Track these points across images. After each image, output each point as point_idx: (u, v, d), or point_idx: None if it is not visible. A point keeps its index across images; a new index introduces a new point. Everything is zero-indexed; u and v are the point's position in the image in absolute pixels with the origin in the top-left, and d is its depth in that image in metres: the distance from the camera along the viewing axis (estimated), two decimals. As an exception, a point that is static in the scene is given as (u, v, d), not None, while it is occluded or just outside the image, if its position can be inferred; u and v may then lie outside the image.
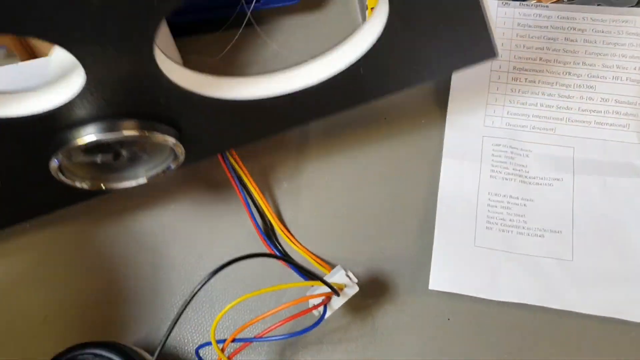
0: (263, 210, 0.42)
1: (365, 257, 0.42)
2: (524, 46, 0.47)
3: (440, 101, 0.46)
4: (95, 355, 0.34)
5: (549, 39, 0.46)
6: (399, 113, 0.47)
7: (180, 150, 0.34)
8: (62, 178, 0.34)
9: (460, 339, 0.40)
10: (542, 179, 0.43)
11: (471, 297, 0.40)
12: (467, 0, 0.33)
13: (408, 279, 0.41)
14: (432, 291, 0.40)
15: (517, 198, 0.43)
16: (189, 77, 0.32)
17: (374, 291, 0.41)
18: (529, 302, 0.40)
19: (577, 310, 0.39)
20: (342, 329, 0.40)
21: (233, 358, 0.35)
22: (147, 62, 0.28)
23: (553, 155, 0.43)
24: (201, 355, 0.38)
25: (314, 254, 0.41)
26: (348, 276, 0.36)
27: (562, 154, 0.43)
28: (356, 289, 0.36)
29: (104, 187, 0.36)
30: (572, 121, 0.44)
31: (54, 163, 0.32)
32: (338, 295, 0.35)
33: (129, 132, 0.31)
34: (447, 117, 0.45)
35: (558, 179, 0.43)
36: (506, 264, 0.41)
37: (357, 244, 0.43)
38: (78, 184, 0.35)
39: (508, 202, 0.43)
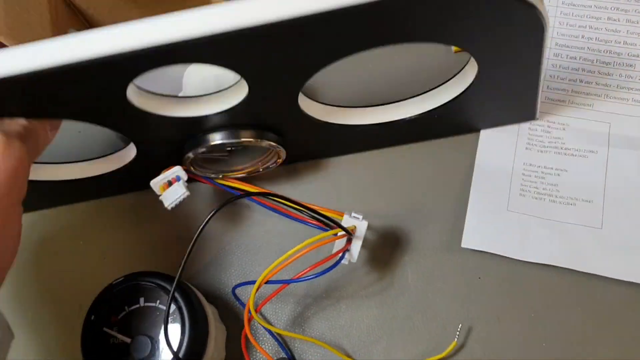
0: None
1: (401, 215, 0.45)
2: (567, 24, 0.49)
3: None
4: (152, 283, 0.37)
5: (592, 17, 0.49)
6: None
7: (282, 153, 0.42)
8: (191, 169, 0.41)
9: (489, 297, 0.43)
10: (577, 150, 0.45)
11: (501, 257, 0.43)
12: (531, 81, 0.40)
13: (442, 238, 0.44)
14: (464, 249, 0.43)
15: (552, 168, 0.45)
16: (318, 108, 0.41)
17: (407, 247, 0.44)
18: (557, 264, 0.42)
19: (604, 274, 0.41)
20: (375, 282, 0.44)
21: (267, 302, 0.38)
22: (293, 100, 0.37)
23: (589, 130, 0.46)
24: (237, 294, 0.42)
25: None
26: (355, 217, 0.39)
27: (598, 129, 0.46)
28: (365, 223, 0.38)
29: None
30: (610, 98, 0.46)
31: (189, 155, 0.39)
32: (350, 234, 0.38)
33: (246, 139, 0.38)
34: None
35: (593, 152, 0.45)
36: (537, 228, 0.43)
37: (394, 203, 0.46)
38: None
39: (542, 172, 0.45)
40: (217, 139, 0.38)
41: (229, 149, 0.41)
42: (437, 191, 0.46)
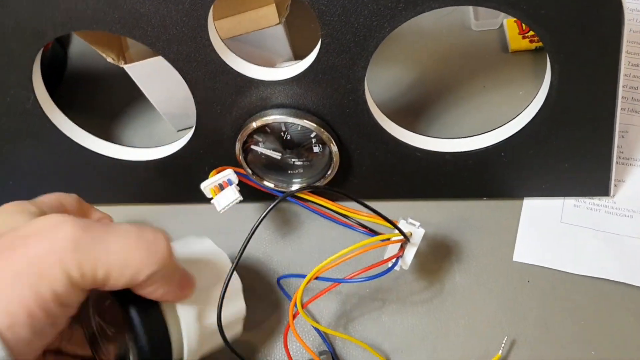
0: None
1: (451, 225, 0.45)
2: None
3: (538, 73, 0.48)
4: None
5: None
6: (498, 81, 0.49)
7: (336, 160, 0.41)
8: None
9: (538, 303, 0.42)
10: (635, 160, 0.45)
11: (552, 268, 0.42)
12: (601, 137, 0.39)
13: (493, 250, 0.44)
14: (515, 262, 0.43)
15: (609, 178, 0.44)
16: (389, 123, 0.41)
17: (457, 257, 0.44)
18: (612, 278, 0.41)
19: (662, 290, 0.41)
20: (422, 290, 0.43)
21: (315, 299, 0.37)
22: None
23: (647, 139, 0.45)
24: (281, 284, 0.42)
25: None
26: (411, 223, 0.38)
27: (658, 138, 0.45)
28: (422, 231, 0.37)
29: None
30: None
31: (252, 125, 0.39)
32: (408, 240, 0.37)
33: (308, 123, 0.38)
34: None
35: (652, 162, 0.44)
36: (592, 240, 0.43)
37: (444, 213, 0.45)
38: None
39: (598, 182, 0.44)
40: (277, 113, 0.38)
41: (285, 137, 0.40)
42: (488, 202, 0.45)
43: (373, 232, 0.42)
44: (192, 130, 0.41)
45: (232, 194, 0.37)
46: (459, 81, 0.50)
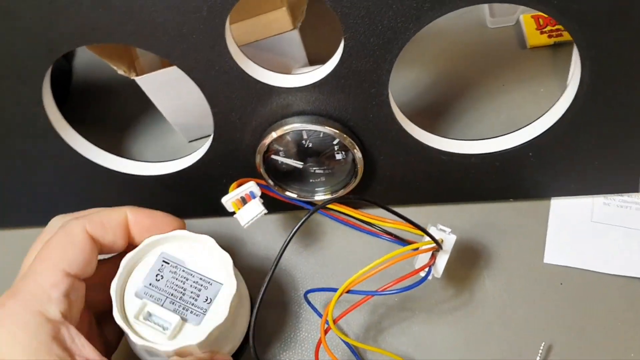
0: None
1: (478, 230, 0.44)
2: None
3: (558, 69, 0.47)
4: None
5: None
6: (517, 79, 0.48)
7: (360, 167, 0.39)
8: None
9: (572, 305, 0.41)
10: (664, 155, 0.43)
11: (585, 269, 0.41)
12: (632, 132, 0.38)
13: (522, 253, 0.43)
14: (546, 264, 0.42)
15: (637, 174, 0.43)
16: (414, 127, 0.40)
17: (486, 263, 0.43)
18: (646, 278, 0.40)
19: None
20: (452, 297, 0.42)
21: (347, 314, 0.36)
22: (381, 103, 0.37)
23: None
24: (308, 298, 0.40)
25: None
26: (442, 229, 0.37)
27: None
28: (454, 237, 0.36)
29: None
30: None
31: (272, 135, 0.38)
32: (440, 247, 0.36)
33: (330, 130, 0.37)
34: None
35: (682, 156, 0.43)
36: (624, 239, 0.42)
37: (471, 218, 0.44)
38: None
39: (627, 178, 0.43)
40: (298, 120, 0.37)
41: (306, 145, 0.39)
42: (515, 204, 0.44)
43: (399, 240, 0.41)
44: (210, 141, 0.40)
45: (256, 208, 0.36)
46: (477, 80, 0.49)
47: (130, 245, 0.35)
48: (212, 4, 0.32)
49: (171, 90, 0.43)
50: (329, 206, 0.40)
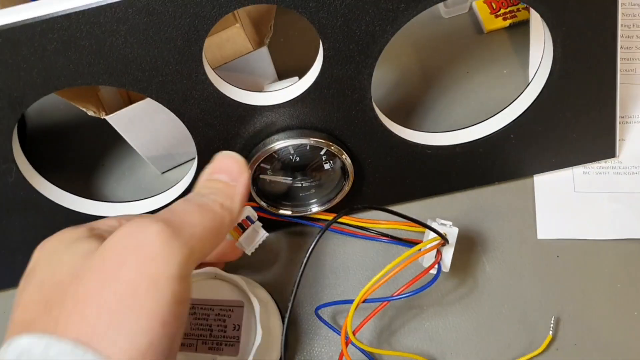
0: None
1: (467, 217, 0.44)
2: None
3: (517, 49, 0.49)
4: None
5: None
6: (480, 64, 0.49)
7: (350, 173, 0.39)
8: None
9: (571, 274, 0.42)
10: (630, 117, 0.46)
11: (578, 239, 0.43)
12: (605, 101, 0.40)
13: (516, 233, 0.44)
14: (540, 240, 0.43)
15: (609, 139, 0.45)
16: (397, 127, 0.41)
17: (483, 248, 0.43)
18: (636, 237, 0.42)
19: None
20: (457, 287, 0.42)
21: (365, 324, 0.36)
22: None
23: (638, 94, 0.46)
24: (319, 314, 0.40)
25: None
26: (443, 223, 0.37)
27: (647, 91, 0.46)
28: (456, 230, 0.37)
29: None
30: (652, 60, 0.47)
31: (260, 155, 0.38)
32: (447, 241, 0.36)
33: (316, 141, 0.37)
34: (530, 70, 0.47)
35: (648, 116, 0.45)
36: (609, 204, 0.43)
37: (458, 206, 0.45)
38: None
39: (600, 145, 0.45)
40: (284, 137, 0.37)
41: (293, 160, 0.38)
42: (499, 187, 0.45)
43: (396, 240, 0.41)
44: (193, 170, 0.39)
45: (257, 233, 0.35)
46: (442, 71, 0.50)
47: None
48: (186, 33, 0.31)
49: (142, 124, 0.41)
50: (320, 217, 0.40)
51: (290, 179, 0.39)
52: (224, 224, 0.28)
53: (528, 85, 0.39)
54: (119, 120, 0.40)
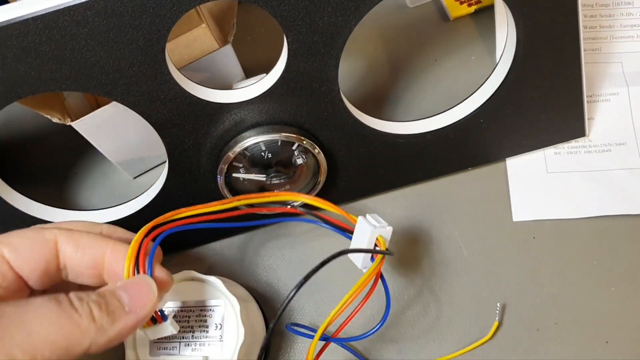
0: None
1: (442, 205, 0.45)
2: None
3: (483, 34, 0.50)
4: None
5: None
6: (448, 52, 0.50)
7: (323, 166, 0.39)
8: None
9: (547, 255, 0.43)
10: (598, 96, 0.46)
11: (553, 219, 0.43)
12: (571, 81, 0.41)
13: (490, 216, 0.44)
14: (516, 222, 0.44)
15: (578, 119, 0.46)
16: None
17: (459, 232, 0.44)
18: (609, 214, 0.43)
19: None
20: (435, 264, 0.43)
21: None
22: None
23: (604, 72, 0.47)
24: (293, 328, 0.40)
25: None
26: (371, 222, 0.33)
27: (612, 70, 0.47)
28: (390, 229, 0.33)
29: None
30: (615, 38, 0.48)
31: (231, 154, 0.37)
32: (391, 252, 0.33)
33: (287, 136, 0.37)
34: (497, 54, 0.48)
35: (614, 94, 0.46)
36: (581, 183, 0.44)
37: (433, 194, 0.45)
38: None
39: (570, 124, 0.46)
40: (254, 133, 0.37)
41: (265, 156, 0.38)
42: (472, 173, 0.45)
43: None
44: (165, 173, 0.39)
45: (165, 330, 0.30)
46: (409, 60, 0.51)
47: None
48: (147, 33, 0.31)
49: (109, 129, 0.41)
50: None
51: (264, 175, 0.39)
52: (81, 343, 0.24)
53: (494, 69, 0.40)
54: (84, 126, 0.40)
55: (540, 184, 0.44)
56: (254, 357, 0.35)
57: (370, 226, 0.32)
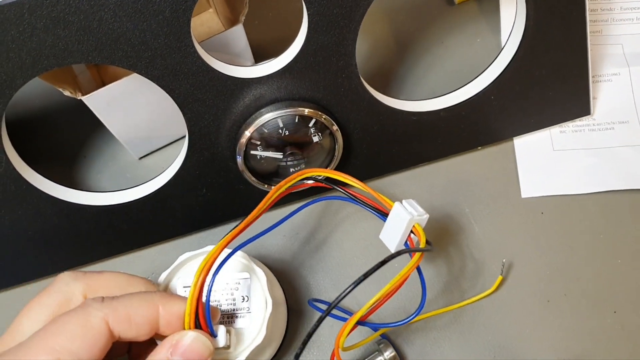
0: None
1: (454, 184, 0.46)
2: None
3: (488, 18, 0.51)
4: None
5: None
6: (454, 35, 0.51)
7: (339, 143, 0.41)
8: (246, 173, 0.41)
9: (555, 230, 0.45)
10: (600, 76, 0.48)
11: (559, 195, 0.45)
12: (577, 58, 0.43)
13: (499, 193, 0.46)
14: (524, 199, 0.45)
15: (582, 98, 0.48)
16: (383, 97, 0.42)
17: (469, 208, 0.46)
18: (614, 188, 0.45)
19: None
20: (447, 240, 0.44)
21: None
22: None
23: (605, 54, 0.49)
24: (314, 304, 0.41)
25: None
26: (409, 209, 0.33)
27: (613, 51, 0.49)
28: (426, 217, 0.33)
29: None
30: (616, 21, 0.50)
31: (249, 130, 0.38)
32: (432, 247, 0.33)
33: (304, 111, 0.38)
34: (502, 36, 0.50)
35: (616, 74, 0.48)
36: (586, 159, 0.46)
37: (446, 174, 0.47)
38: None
39: (574, 104, 0.48)
40: (272, 109, 0.38)
41: (282, 133, 0.39)
42: (482, 152, 0.47)
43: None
44: (184, 151, 0.40)
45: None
46: (416, 42, 0.52)
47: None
48: (174, 3, 0.32)
49: (119, 106, 0.42)
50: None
51: (281, 153, 0.40)
52: None
53: (504, 45, 0.42)
54: (95, 101, 0.40)
55: (546, 161, 0.46)
56: (278, 326, 0.36)
57: (408, 214, 0.32)
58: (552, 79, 0.43)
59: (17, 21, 0.31)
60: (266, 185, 0.41)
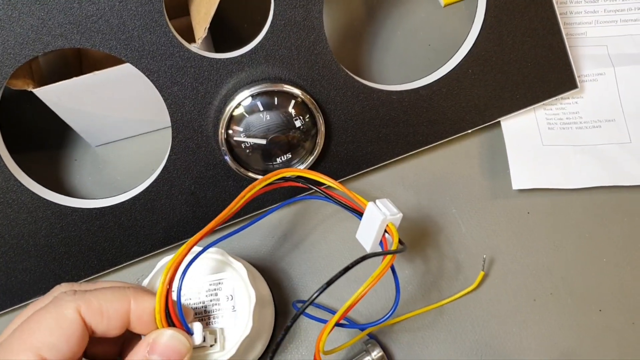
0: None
1: (440, 179, 0.47)
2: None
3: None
4: None
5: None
6: (441, 37, 0.52)
7: (320, 124, 0.41)
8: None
9: (541, 228, 0.45)
10: (586, 76, 0.49)
11: (546, 190, 0.45)
12: (547, 21, 0.43)
13: (489, 186, 0.46)
14: (511, 192, 0.45)
15: (568, 97, 0.48)
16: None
17: (457, 207, 0.46)
18: (601, 184, 0.45)
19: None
20: (433, 240, 0.44)
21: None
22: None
23: (590, 54, 0.50)
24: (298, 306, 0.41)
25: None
26: (380, 208, 0.33)
27: (598, 52, 0.50)
28: (400, 215, 0.33)
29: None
30: (600, 23, 0.51)
31: (229, 109, 0.39)
32: (404, 248, 0.32)
33: (288, 88, 0.39)
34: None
35: (601, 74, 0.49)
36: (574, 156, 0.46)
37: (433, 168, 0.47)
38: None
39: (561, 103, 0.48)
40: (251, 87, 0.38)
41: (264, 118, 0.40)
42: (471, 143, 0.48)
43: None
44: (169, 145, 0.40)
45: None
46: (403, 43, 0.53)
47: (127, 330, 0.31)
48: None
49: (71, 101, 0.42)
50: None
51: (264, 140, 0.40)
52: None
53: (474, 20, 0.43)
54: (45, 94, 0.40)
55: (536, 156, 0.46)
56: (266, 317, 0.36)
57: (382, 214, 0.32)
58: (527, 47, 0.44)
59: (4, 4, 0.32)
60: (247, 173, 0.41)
